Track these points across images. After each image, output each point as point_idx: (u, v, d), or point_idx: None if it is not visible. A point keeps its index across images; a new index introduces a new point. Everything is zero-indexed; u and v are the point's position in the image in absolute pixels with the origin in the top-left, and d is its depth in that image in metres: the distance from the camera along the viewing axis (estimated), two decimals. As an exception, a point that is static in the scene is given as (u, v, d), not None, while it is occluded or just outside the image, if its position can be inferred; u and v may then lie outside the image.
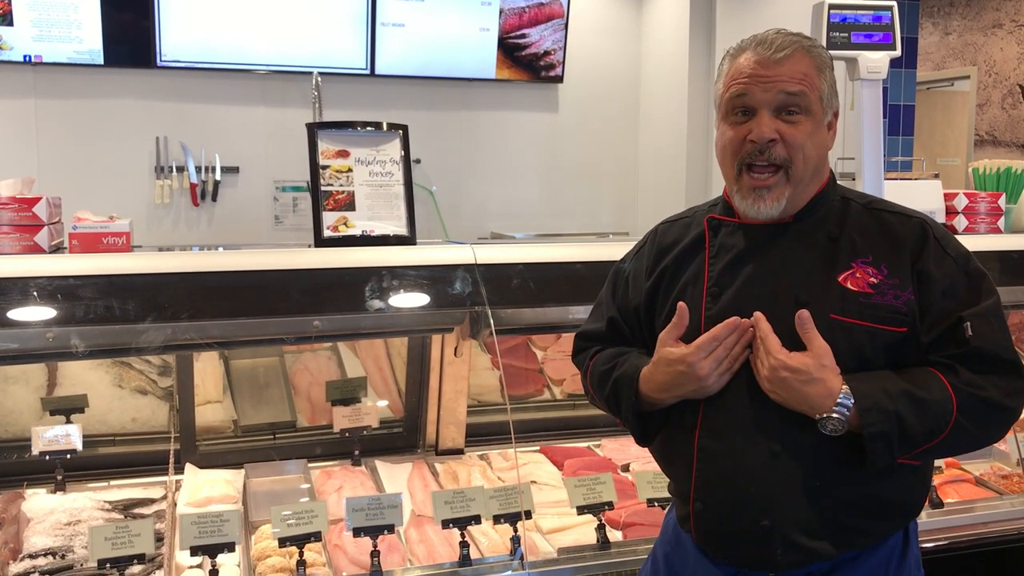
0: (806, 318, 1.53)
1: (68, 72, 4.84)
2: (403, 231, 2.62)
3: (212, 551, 2.05)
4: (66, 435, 2.50)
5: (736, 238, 1.66)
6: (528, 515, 2.27)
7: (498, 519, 2.25)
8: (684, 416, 1.65)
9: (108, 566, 2.01)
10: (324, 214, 2.56)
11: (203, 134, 5.07)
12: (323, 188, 2.58)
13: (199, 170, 5.05)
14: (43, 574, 2.12)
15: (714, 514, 1.62)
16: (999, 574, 2.50)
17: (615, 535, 2.37)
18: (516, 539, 2.23)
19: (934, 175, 3.35)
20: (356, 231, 2.58)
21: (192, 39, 4.91)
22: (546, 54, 5.55)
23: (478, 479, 2.67)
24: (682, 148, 5.47)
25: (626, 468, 2.83)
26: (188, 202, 5.08)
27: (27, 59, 4.71)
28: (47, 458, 2.49)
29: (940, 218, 3.06)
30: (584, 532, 2.37)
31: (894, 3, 2.90)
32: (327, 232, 2.55)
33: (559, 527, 2.43)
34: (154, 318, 2.22)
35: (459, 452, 2.93)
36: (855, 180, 2.95)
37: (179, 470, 2.64)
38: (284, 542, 2.10)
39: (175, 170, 5.03)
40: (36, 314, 2.16)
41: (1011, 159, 3.54)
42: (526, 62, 5.53)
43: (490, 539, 2.34)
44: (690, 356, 1.57)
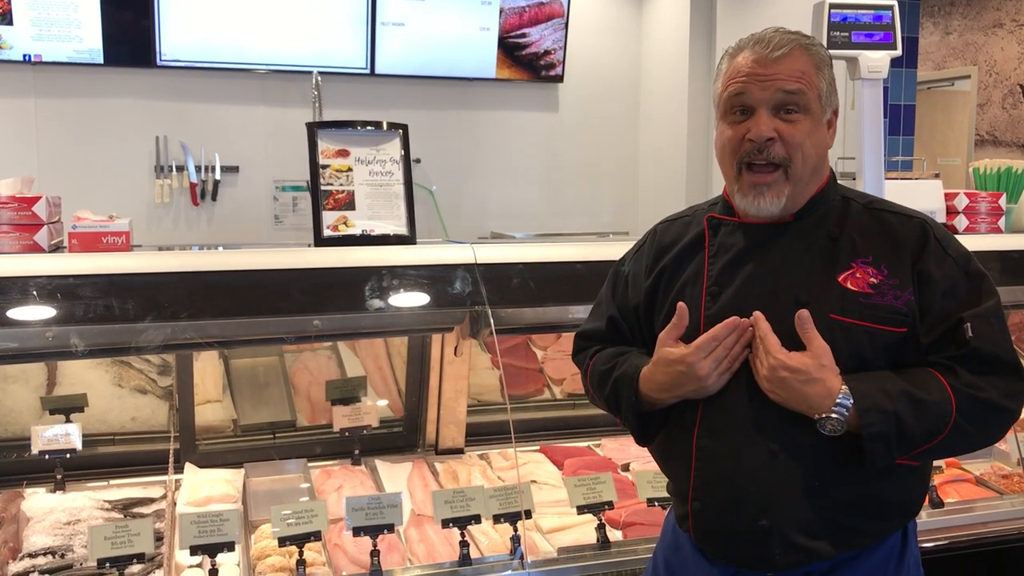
0: (806, 318, 1.52)
1: (68, 71, 4.84)
2: (403, 230, 2.62)
3: (212, 550, 2.04)
4: (66, 434, 2.50)
5: (736, 237, 1.66)
6: (528, 515, 2.26)
7: (498, 519, 2.25)
8: (683, 416, 1.64)
9: (108, 565, 2.01)
10: (324, 213, 2.56)
11: (203, 133, 5.07)
12: (323, 187, 2.58)
13: (199, 169, 5.05)
14: (43, 573, 2.12)
15: (713, 514, 1.61)
16: (999, 574, 2.50)
17: (615, 535, 2.37)
18: (516, 539, 2.23)
19: (935, 175, 3.34)
20: (356, 230, 2.57)
21: (192, 38, 4.91)
22: (546, 53, 5.55)
23: (478, 479, 2.67)
24: (682, 148, 5.46)
25: (626, 468, 2.83)
26: (188, 201, 5.08)
27: (27, 58, 4.71)
28: (47, 457, 2.49)
29: (941, 218, 3.06)
30: (584, 532, 2.37)
31: (895, 3, 2.90)
32: (327, 231, 2.55)
33: (559, 527, 2.43)
34: (154, 317, 2.22)
35: (459, 452, 2.93)
36: (856, 180, 2.95)
37: (179, 469, 2.63)
38: (284, 541, 2.10)
39: (175, 169, 5.03)
40: (36, 313, 2.16)
41: (1012, 159, 3.54)
42: (526, 61, 5.53)
43: (490, 539, 2.34)
44: (689, 356, 1.57)
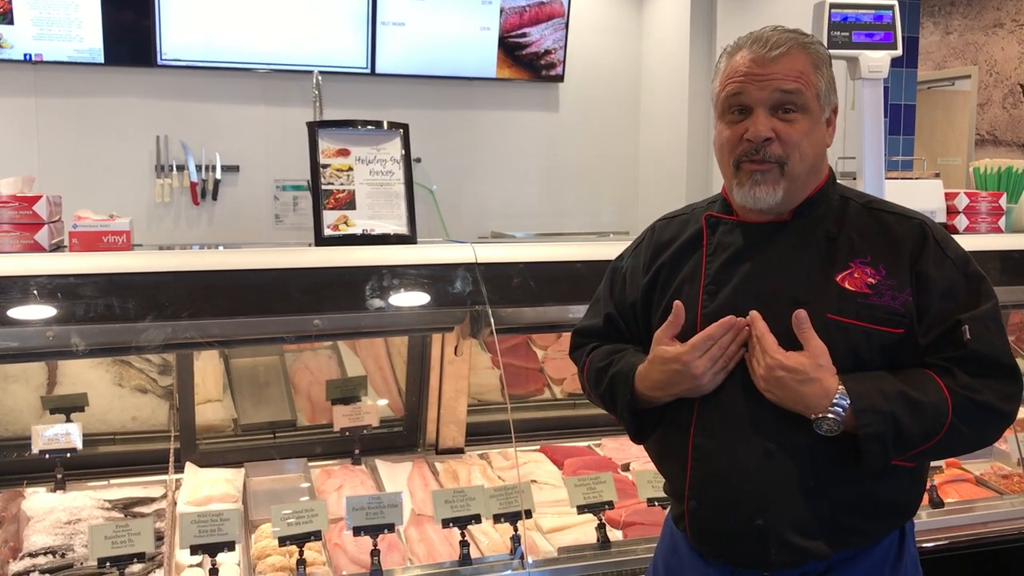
0: (803, 318, 1.52)
1: (68, 71, 4.84)
2: (403, 230, 2.62)
3: (212, 550, 2.04)
4: (66, 434, 2.50)
5: (734, 236, 1.66)
6: (528, 514, 2.26)
7: (498, 518, 2.25)
8: (679, 414, 1.64)
9: (108, 565, 2.01)
10: (324, 213, 2.56)
11: (203, 133, 5.07)
12: (323, 187, 2.58)
13: (199, 169, 5.05)
14: (43, 572, 2.12)
15: (708, 513, 1.61)
16: (999, 574, 2.49)
17: (615, 534, 2.37)
18: (516, 538, 2.23)
19: (935, 175, 3.35)
20: (356, 230, 2.57)
21: (192, 38, 4.91)
22: (547, 53, 5.55)
23: (478, 478, 2.67)
24: (682, 147, 5.46)
25: (626, 467, 2.83)
26: (188, 201, 5.08)
27: (27, 58, 4.71)
28: (47, 457, 2.49)
29: (941, 218, 3.06)
30: (584, 531, 2.37)
31: (895, 2, 2.90)
32: (327, 231, 2.55)
33: (559, 526, 2.43)
34: (154, 317, 2.22)
35: (459, 451, 2.92)
36: (856, 180, 2.95)
37: (179, 469, 2.63)
38: (284, 541, 2.10)
39: (175, 169, 5.03)
40: (36, 313, 2.16)
41: (1012, 159, 3.54)
42: (527, 61, 5.53)
43: (490, 538, 2.34)
44: (685, 355, 1.57)
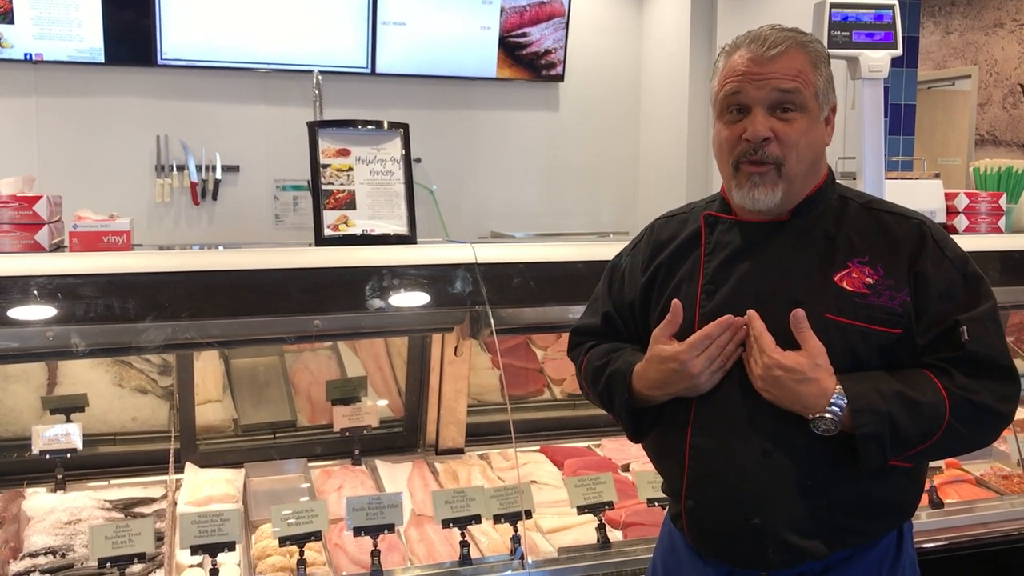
0: (801, 317, 1.52)
1: (69, 70, 4.84)
2: (404, 230, 2.62)
3: (212, 550, 2.05)
4: (66, 434, 2.50)
5: (732, 235, 1.66)
6: (528, 515, 2.26)
7: (498, 519, 2.25)
8: (676, 413, 1.64)
9: (108, 565, 2.01)
10: (325, 213, 2.56)
11: (204, 133, 5.07)
12: (324, 187, 2.58)
13: (200, 169, 5.05)
14: (43, 573, 2.12)
15: (705, 512, 1.61)
16: (999, 575, 2.49)
17: (615, 535, 2.37)
18: (516, 539, 2.23)
19: (935, 175, 3.34)
20: (357, 230, 2.57)
21: (193, 38, 4.91)
22: (547, 53, 5.55)
23: (478, 479, 2.67)
24: (683, 147, 5.46)
25: (626, 468, 2.83)
26: (188, 201, 5.08)
27: (28, 57, 4.71)
28: (47, 457, 2.49)
29: (941, 218, 3.06)
30: (584, 532, 2.37)
31: (895, 2, 2.90)
32: (327, 231, 2.55)
33: (559, 527, 2.43)
34: (154, 317, 2.22)
35: (459, 452, 2.92)
36: (856, 179, 2.94)
37: (179, 469, 2.63)
38: (284, 541, 2.10)
39: (175, 169, 5.03)
40: (36, 313, 2.16)
41: (1012, 159, 3.54)
42: (527, 61, 5.52)
43: (490, 539, 2.34)
44: (682, 354, 1.56)
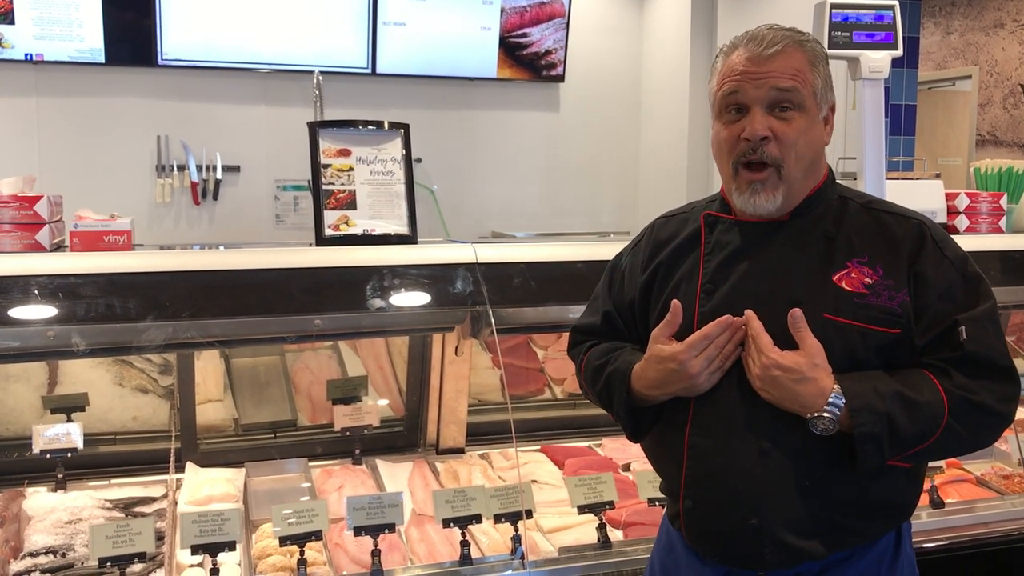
0: (799, 317, 1.52)
1: (69, 70, 4.84)
2: (404, 230, 2.62)
3: (213, 550, 2.04)
4: (67, 433, 2.50)
5: (732, 235, 1.66)
6: (529, 514, 2.26)
7: (499, 518, 2.25)
8: (675, 413, 1.64)
9: (109, 564, 2.01)
10: (325, 213, 2.56)
11: (204, 133, 5.07)
12: (324, 187, 2.58)
13: (200, 169, 5.05)
14: (44, 572, 2.12)
15: (703, 512, 1.61)
16: (1000, 574, 2.49)
17: (616, 535, 2.37)
18: (517, 538, 2.23)
19: (936, 175, 3.34)
20: (357, 230, 2.57)
21: (193, 38, 4.92)
22: (547, 53, 5.55)
23: (479, 478, 2.67)
24: (683, 147, 5.46)
25: (627, 467, 2.83)
26: (189, 201, 5.08)
27: (28, 57, 4.71)
28: (48, 456, 2.49)
29: (942, 218, 3.06)
30: (585, 531, 2.37)
31: (896, 3, 2.90)
32: (328, 231, 2.55)
33: (560, 526, 2.43)
34: (155, 317, 2.22)
35: (460, 451, 2.92)
36: (856, 180, 2.95)
37: (180, 469, 2.63)
38: (285, 541, 2.10)
39: (176, 169, 5.03)
40: (37, 312, 2.16)
41: (1012, 159, 3.53)
42: (527, 61, 5.53)
43: (491, 538, 2.34)
44: (681, 354, 1.56)
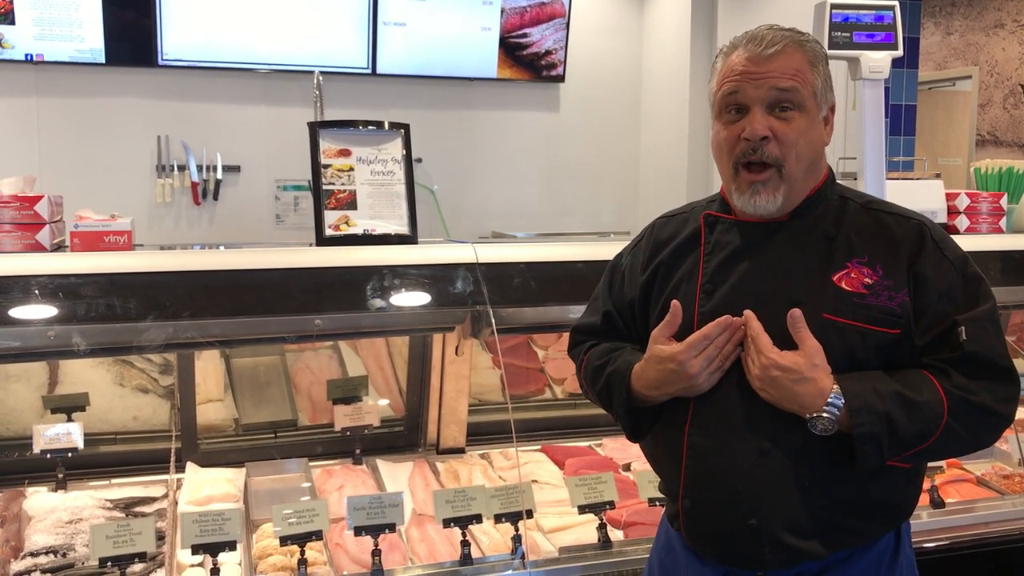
0: (798, 317, 1.52)
1: (69, 71, 4.84)
2: (404, 230, 2.62)
3: (213, 550, 2.04)
4: (67, 433, 2.50)
5: (732, 235, 1.66)
6: (529, 514, 2.26)
7: (499, 518, 2.25)
8: (675, 413, 1.64)
9: (109, 564, 2.01)
10: (326, 213, 2.56)
11: (204, 133, 5.07)
12: (325, 187, 2.58)
13: (200, 169, 5.05)
14: (44, 572, 2.12)
15: (703, 512, 1.61)
16: (1000, 574, 2.49)
17: (616, 534, 2.37)
18: (517, 538, 2.23)
19: (936, 175, 3.34)
20: (357, 230, 2.58)
21: (193, 38, 4.92)
22: (547, 53, 5.55)
23: (479, 478, 2.67)
24: (683, 147, 5.46)
25: (627, 467, 2.83)
26: (189, 201, 5.08)
27: (29, 58, 4.71)
28: (48, 456, 2.49)
29: (942, 218, 3.06)
30: (585, 531, 2.37)
31: (896, 3, 2.90)
32: (328, 231, 2.55)
33: (560, 526, 2.43)
34: (155, 316, 2.22)
35: (460, 451, 2.93)
36: (857, 180, 2.95)
37: (180, 468, 2.63)
38: (285, 541, 2.10)
39: (176, 169, 5.03)
40: (37, 312, 2.16)
41: (1013, 159, 3.53)
42: (527, 61, 5.53)
43: (491, 538, 2.34)
44: (681, 354, 1.56)
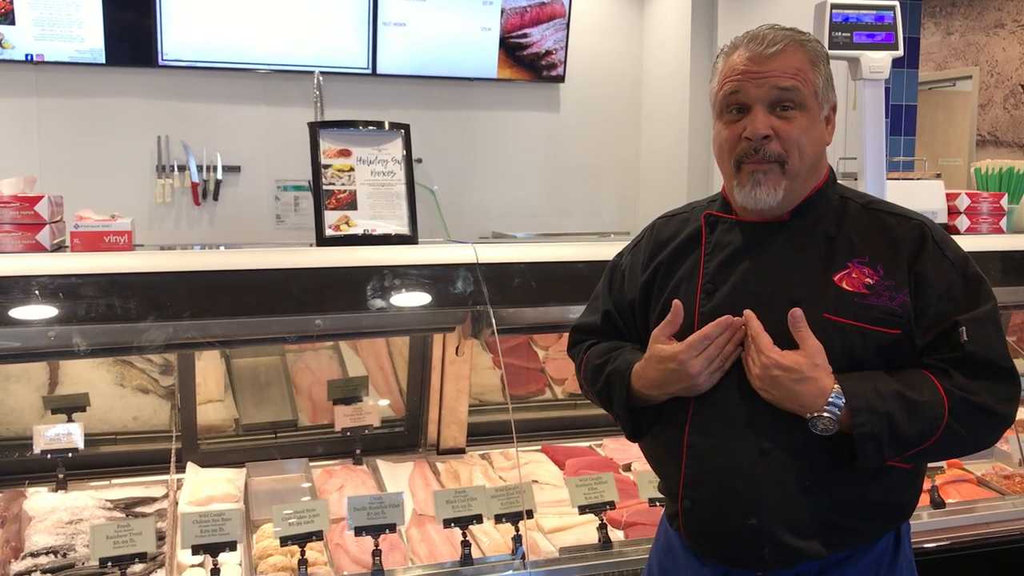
0: (799, 316, 1.52)
1: (70, 71, 4.84)
2: (405, 230, 2.62)
3: (214, 550, 2.05)
4: (67, 434, 2.50)
5: (733, 235, 1.66)
6: (530, 514, 2.26)
7: (500, 518, 2.25)
8: (675, 413, 1.64)
9: (110, 564, 2.01)
10: (326, 213, 2.56)
11: (204, 133, 5.07)
12: (325, 187, 2.58)
13: (200, 169, 5.05)
14: (45, 572, 2.12)
15: (702, 512, 1.61)
16: (1000, 575, 2.49)
17: (617, 535, 2.37)
18: (517, 538, 2.23)
19: (936, 175, 3.34)
20: (358, 230, 2.58)
21: (194, 38, 4.92)
22: (548, 54, 5.55)
23: (479, 478, 2.67)
24: (684, 147, 5.46)
25: (628, 468, 2.82)
26: (190, 201, 5.08)
27: (29, 58, 4.72)
28: (49, 457, 2.49)
29: (942, 218, 3.06)
30: (585, 532, 2.37)
31: (896, 3, 2.90)
32: (329, 231, 2.55)
33: (560, 526, 2.43)
34: (155, 317, 2.22)
35: (460, 451, 2.93)
36: (857, 180, 2.95)
37: (180, 469, 2.63)
38: (285, 541, 2.10)
39: (176, 169, 5.03)
40: (38, 313, 2.16)
41: (1013, 159, 3.53)
42: (528, 62, 5.53)
43: (491, 538, 2.34)
44: (681, 354, 1.56)
